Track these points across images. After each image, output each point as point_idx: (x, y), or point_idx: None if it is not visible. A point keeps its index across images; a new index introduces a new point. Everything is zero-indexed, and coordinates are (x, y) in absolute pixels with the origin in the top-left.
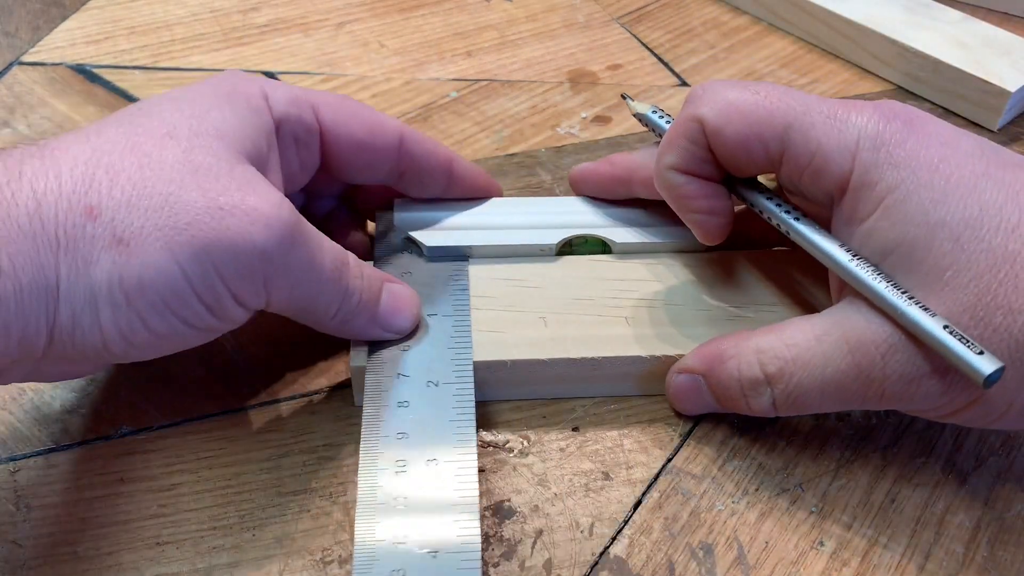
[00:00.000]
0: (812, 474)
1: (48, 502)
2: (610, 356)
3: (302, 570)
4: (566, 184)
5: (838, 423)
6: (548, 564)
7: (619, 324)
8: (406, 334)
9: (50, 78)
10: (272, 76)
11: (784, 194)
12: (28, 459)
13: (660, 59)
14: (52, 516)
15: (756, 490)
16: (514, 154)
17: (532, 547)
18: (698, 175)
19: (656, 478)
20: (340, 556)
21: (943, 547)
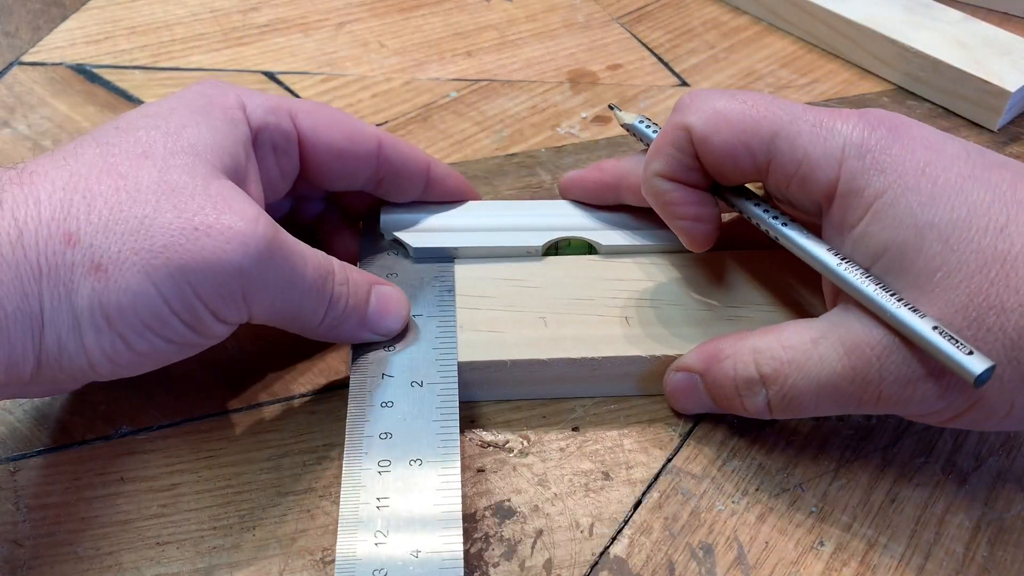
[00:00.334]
0: (812, 474)
1: (48, 502)
2: (610, 356)
3: (302, 570)
4: None
5: (838, 423)
6: (548, 564)
7: (619, 324)
8: (396, 335)
9: (50, 78)
10: (272, 76)
11: (772, 201)
12: (28, 459)
13: (660, 59)
14: (52, 516)
15: (756, 490)
16: (514, 154)
17: (532, 547)
18: (685, 183)
19: (656, 478)
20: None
21: (943, 547)
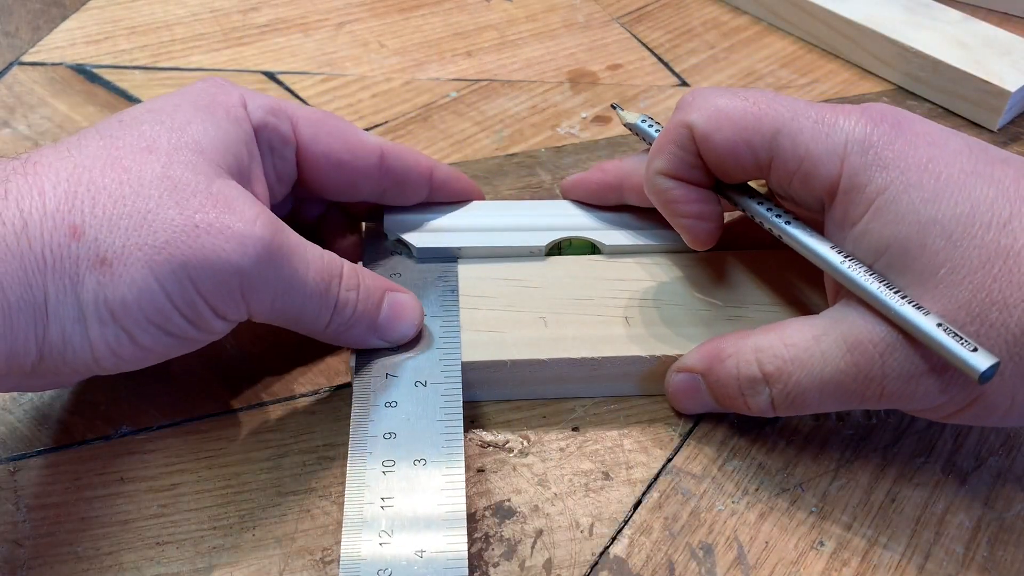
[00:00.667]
0: (812, 474)
1: (48, 502)
2: (610, 356)
3: (302, 570)
4: None
5: (838, 423)
6: (548, 564)
7: (619, 324)
8: (407, 342)
9: (50, 78)
10: (272, 76)
11: (775, 198)
12: (28, 459)
13: (660, 59)
14: (52, 516)
15: (756, 490)
16: (514, 154)
17: (532, 547)
18: (687, 181)
19: (656, 478)
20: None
21: (943, 547)
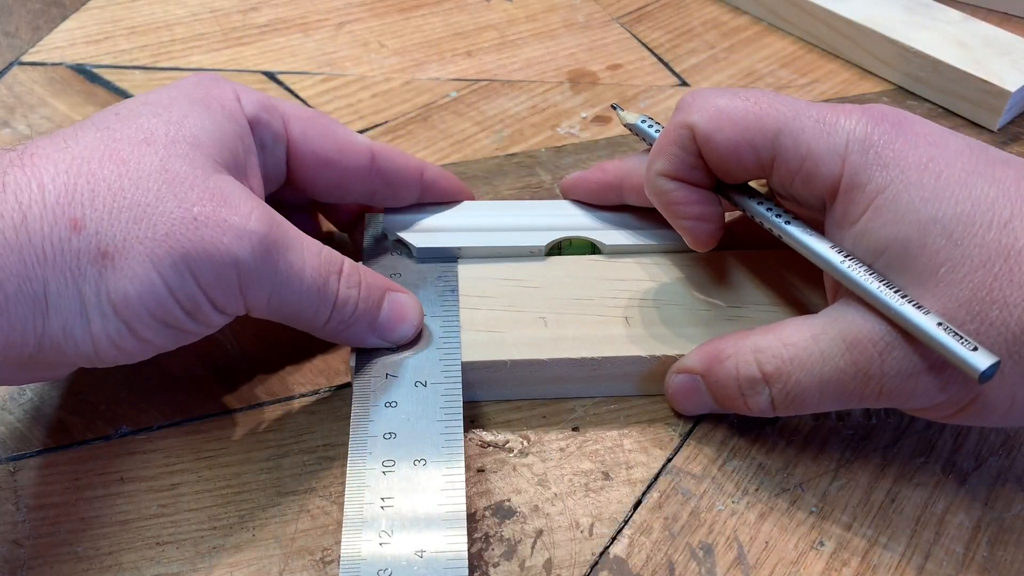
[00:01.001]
0: (812, 474)
1: (48, 502)
2: (610, 356)
3: (302, 570)
4: None
5: (838, 423)
6: (548, 564)
7: (619, 324)
8: (407, 343)
9: (50, 78)
10: (272, 76)
11: (776, 199)
12: (28, 459)
13: (660, 59)
14: (52, 516)
15: (756, 490)
16: (514, 154)
17: (532, 547)
18: (688, 182)
19: (656, 478)
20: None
21: (943, 547)
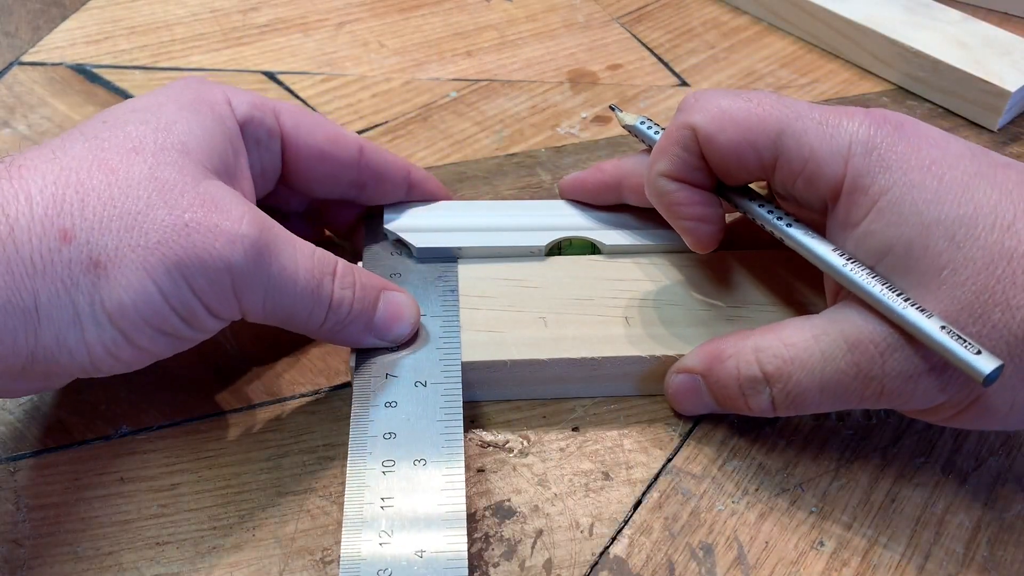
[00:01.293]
0: (812, 474)
1: (48, 502)
2: (610, 356)
3: (302, 570)
4: None
5: (838, 423)
6: (548, 564)
7: (619, 324)
8: (404, 342)
9: (50, 78)
10: (272, 76)
11: (777, 200)
12: (28, 459)
13: (660, 59)
14: (52, 516)
15: (756, 490)
16: (514, 154)
17: (532, 547)
18: (690, 183)
19: (656, 478)
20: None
21: (943, 547)
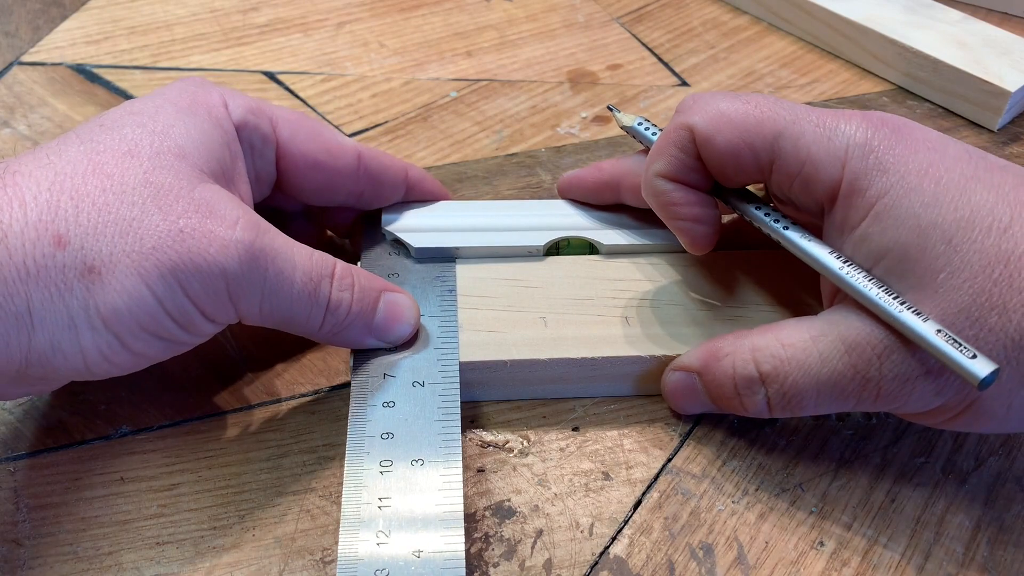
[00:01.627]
0: (812, 474)
1: (48, 502)
2: (610, 356)
3: (302, 570)
4: None
5: (838, 423)
6: (548, 564)
7: (619, 324)
8: (404, 343)
9: (50, 78)
10: (272, 76)
11: (774, 203)
12: (28, 459)
13: (660, 59)
14: (52, 516)
15: (756, 490)
16: (514, 154)
17: (532, 547)
18: (687, 184)
19: (656, 478)
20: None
21: (943, 547)
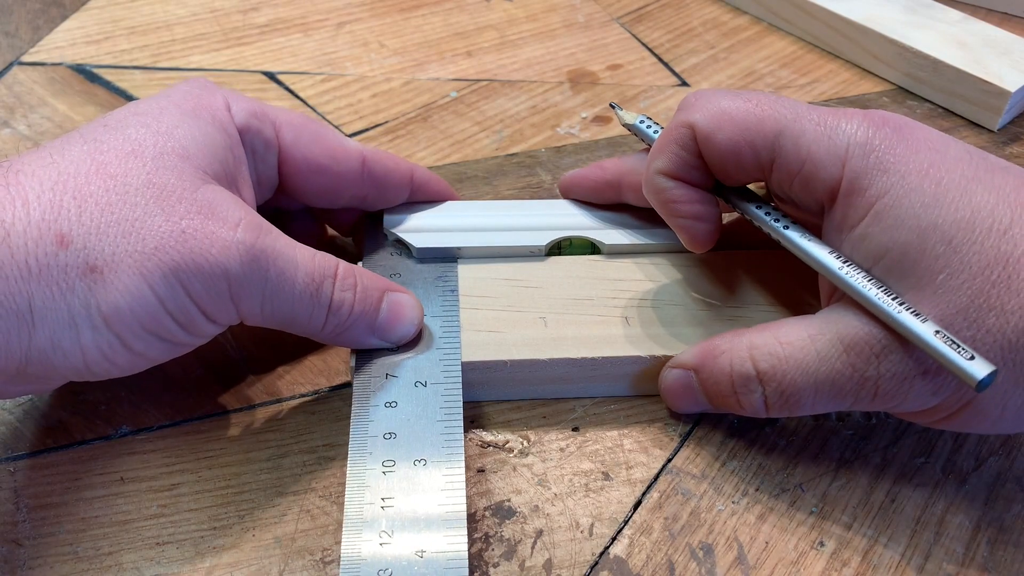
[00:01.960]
0: (812, 474)
1: (48, 502)
2: (610, 356)
3: (302, 570)
4: None
5: (838, 423)
6: (548, 564)
7: (619, 324)
8: (407, 343)
9: (50, 78)
10: (272, 76)
11: (775, 202)
12: (28, 459)
13: (660, 59)
14: (52, 516)
15: (756, 490)
16: (514, 154)
17: (532, 547)
18: (687, 181)
19: (656, 478)
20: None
21: (943, 547)
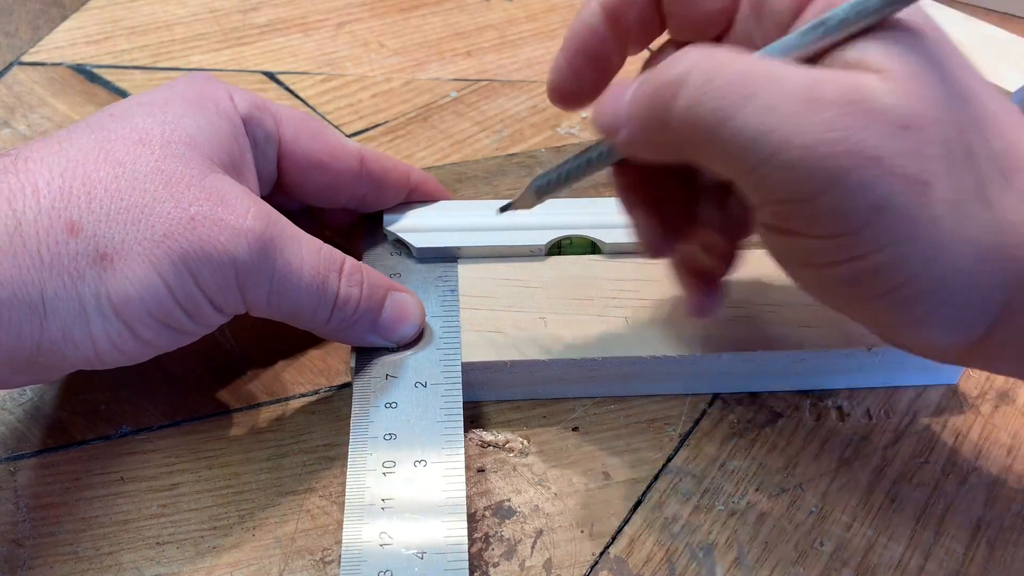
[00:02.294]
0: (812, 474)
1: (48, 502)
2: (610, 356)
3: (302, 570)
4: None
5: (838, 423)
6: (548, 564)
7: (619, 324)
8: (408, 342)
9: (50, 78)
10: (272, 76)
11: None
12: (28, 459)
13: None
14: (52, 516)
15: (756, 490)
16: (514, 154)
17: (532, 547)
18: (624, 16)
19: (656, 478)
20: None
21: (943, 547)
